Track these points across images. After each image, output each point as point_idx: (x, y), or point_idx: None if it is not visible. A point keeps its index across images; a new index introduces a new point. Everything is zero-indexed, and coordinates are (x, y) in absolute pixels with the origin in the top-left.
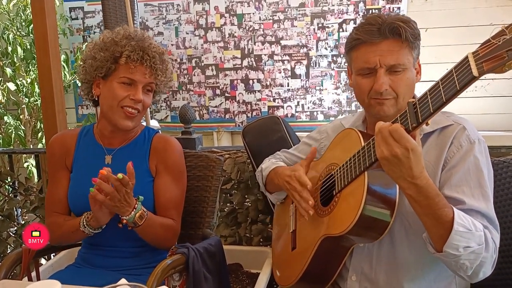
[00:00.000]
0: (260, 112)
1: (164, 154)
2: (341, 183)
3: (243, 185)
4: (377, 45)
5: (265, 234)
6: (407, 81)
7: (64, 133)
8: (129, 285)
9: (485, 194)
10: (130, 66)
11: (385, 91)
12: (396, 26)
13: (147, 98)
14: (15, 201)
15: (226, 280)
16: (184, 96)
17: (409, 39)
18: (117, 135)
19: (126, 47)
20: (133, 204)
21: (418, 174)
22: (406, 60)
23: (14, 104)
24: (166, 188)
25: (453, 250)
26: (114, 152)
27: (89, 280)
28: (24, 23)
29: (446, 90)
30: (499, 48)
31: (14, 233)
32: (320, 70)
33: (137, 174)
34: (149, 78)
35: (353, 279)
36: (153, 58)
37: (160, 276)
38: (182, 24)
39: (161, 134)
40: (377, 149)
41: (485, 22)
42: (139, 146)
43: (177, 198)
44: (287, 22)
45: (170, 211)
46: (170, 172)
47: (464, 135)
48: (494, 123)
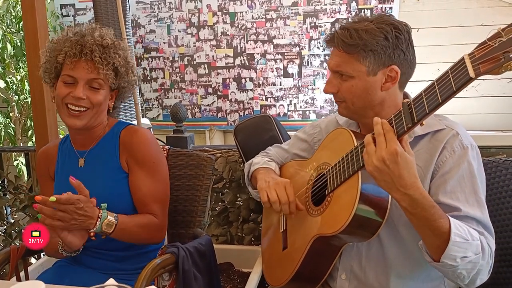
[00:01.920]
0: (253, 111)
1: (132, 147)
2: (334, 183)
3: (235, 184)
4: (333, 51)
5: (256, 233)
6: (353, 89)
7: (49, 145)
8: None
9: (479, 200)
10: (69, 63)
11: (335, 94)
12: (333, 35)
13: (94, 95)
14: (4, 200)
15: (217, 279)
16: (176, 95)
17: (344, 49)
18: (85, 137)
19: (65, 44)
20: (95, 215)
21: (410, 184)
22: (350, 69)
23: (4, 102)
24: (141, 183)
25: (450, 261)
26: (85, 154)
27: (77, 280)
28: (14, 19)
29: (442, 91)
30: (495, 50)
31: (4, 232)
32: (312, 69)
33: (108, 172)
34: (92, 73)
35: (343, 278)
36: (93, 51)
37: (149, 276)
38: (174, 22)
39: (130, 127)
40: (368, 159)
41: (476, 23)
42: (108, 143)
43: (156, 191)
44: (279, 21)
45: (150, 206)
46: (142, 165)
47: (457, 140)
48: (484, 123)
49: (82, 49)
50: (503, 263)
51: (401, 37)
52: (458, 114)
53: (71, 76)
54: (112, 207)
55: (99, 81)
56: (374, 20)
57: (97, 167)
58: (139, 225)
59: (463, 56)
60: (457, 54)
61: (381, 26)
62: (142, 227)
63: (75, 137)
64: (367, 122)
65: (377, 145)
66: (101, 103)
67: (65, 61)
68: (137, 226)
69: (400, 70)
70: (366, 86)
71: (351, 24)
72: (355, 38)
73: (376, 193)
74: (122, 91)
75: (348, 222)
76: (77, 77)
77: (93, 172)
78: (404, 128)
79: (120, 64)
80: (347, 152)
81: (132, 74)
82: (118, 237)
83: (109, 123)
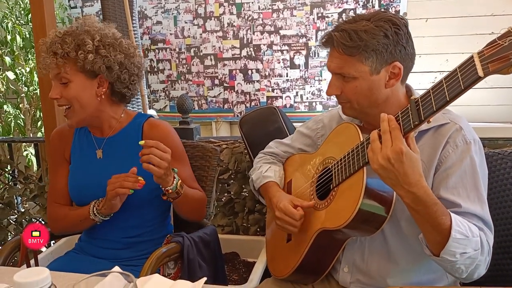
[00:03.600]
0: (259, 102)
1: (162, 141)
2: (339, 177)
3: (241, 175)
4: (331, 52)
5: (261, 224)
6: (357, 89)
7: (62, 127)
8: (119, 273)
9: (480, 196)
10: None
11: (338, 96)
12: (331, 37)
13: (65, 90)
14: (15, 189)
15: (222, 268)
16: (183, 86)
17: (344, 52)
18: (98, 128)
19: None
20: (172, 174)
21: (414, 182)
22: (352, 70)
23: (14, 93)
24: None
25: (450, 256)
26: (103, 144)
27: (86, 268)
28: (23, 11)
29: (450, 89)
30: (505, 49)
31: (15, 221)
32: (319, 61)
33: (131, 162)
34: (56, 69)
35: (345, 271)
36: (52, 45)
37: (155, 264)
38: (181, 13)
39: (152, 120)
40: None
41: (486, 13)
42: (131, 135)
43: (190, 173)
44: (286, 11)
45: (193, 185)
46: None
47: (460, 135)
48: (493, 114)
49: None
50: (506, 255)
51: (400, 32)
52: (466, 105)
53: (51, 77)
54: (135, 194)
55: (64, 75)
56: (371, 19)
57: (118, 158)
58: (196, 195)
59: (472, 55)
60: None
61: (379, 24)
62: (198, 194)
63: (91, 129)
64: (372, 120)
65: (383, 143)
66: (75, 96)
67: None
68: (195, 194)
69: (402, 65)
70: (371, 85)
71: (348, 25)
72: (355, 40)
73: (381, 189)
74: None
75: (352, 217)
76: (51, 77)
77: (113, 163)
78: (411, 125)
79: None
80: (353, 147)
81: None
82: (182, 201)
83: (127, 114)
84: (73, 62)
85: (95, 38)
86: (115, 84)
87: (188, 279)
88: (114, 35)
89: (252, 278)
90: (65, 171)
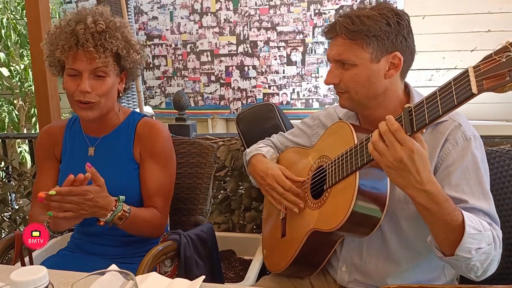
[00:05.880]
0: (255, 99)
1: (148, 140)
2: (332, 179)
3: (237, 173)
4: (332, 40)
5: (258, 221)
6: (355, 77)
7: (52, 125)
8: (117, 271)
9: (484, 191)
10: (70, 56)
11: (336, 85)
12: (334, 23)
13: (100, 84)
14: (9, 186)
15: (218, 266)
16: (179, 82)
17: (346, 35)
18: (98, 124)
19: (60, 37)
20: (110, 207)
21: (426, 179)
22: (353, 57)
23: (8, 89)
24: (150, 174)
25: (465, 253)
26: (97, 142)
27: (81, 265)
28: (18, 6)
29: (443, 103)
30: (502, 66)
31: (9, 218)
32: (316, 57)
33: (121, 163)
34: (93, 63)
35: (343, 270)
36: (87, 41)
37: (151, 262)
38: (177, 9)
39: (147, 119)
40: (383, 157)
41: (483, 10)
42: (123, 133)
43: (163, 184)
44: (283, 7)
45: (155, 198)
46: (155, 158)
47: (460, 131)
48: (489, 112)
49: (77, 40)
50: (509, 252)
51: (402, 23)
52: None
53: (74, 69)
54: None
55: (103, 69)
56: (374, 8)
57: (109, 157)
58: (146, 220)
59: (468, 69)
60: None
61: (382, 12)
62: (148, 222)
63: (88, 124)
64: (369, 114)
65: (389, 144)
66: (109, 91)
67: (63, 55)
68: (144, 220)
69: (403, 57)
70: (370, 74)
71: (352, 11)
72: (357, 24)
73: (374, 192)
74: (130, 72)
75: (343, 221)
76: (80, 70)
77: (104, 161)
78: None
79: (120, 47)
80: (347, 149)
81: (135, 53)
82: (124, 228)
83: (122, 111)
84: (118, 58)
85: (119, 38)
86: (128, 79)
87: (184, 277)
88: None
89: (249, 275)
90: (53, 171)
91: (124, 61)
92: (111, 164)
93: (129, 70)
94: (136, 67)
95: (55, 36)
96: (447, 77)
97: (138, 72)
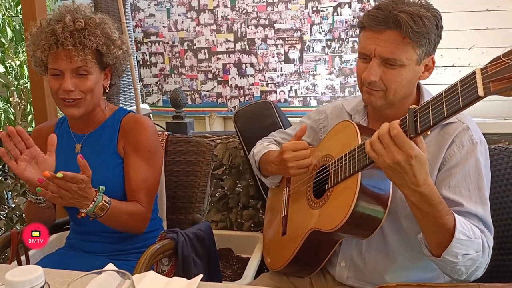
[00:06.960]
0: (253, 97)
1: (133, 134)
2: (334, 179)
3: (235, 171)
4: (378, 34)
5: (256, 219)
6: (400, 78)
7: (42, 125)
8: (114, 271)
9: (482, 197)
10: (50, 56)
11: (374, 83)
12: (399, 19)
13: (83, 82)
14: (5, 184)
15: (216, 264)
16: (176, 80)
17: (409, 36)
18: (84, 122)
19: (41, 37)
20: (91, 197)
21: (422, 182)
22: (404, 57)
23: (4, 87)
24: (134, 168)
25: (451, 257)
26: (83, 139)
27: (78, 264)
28: (13, 3)
29: (449, 105)
30: (510, 69)
31: (5, 216)
32: (313, 55)
33: (104, 157)
34: (73, 62)
35: (342, 265)
36: (66, 40)
37: (148, 261)
38: (174, 6)
39: (132, 114)
40: (379, 158)
41: (480, 8)
42: (108, 128)
43: (146, 179)
44: (281, 5)
45: (138, 193)
46: (139, 152)
47: (467, 134)
48: (487, 110)
49: (56, 39)
50: (502, 251)
51: (440, 24)
52: None
53: (56, 68)
54: (112, 192)
55: (84, 68)
56: (424, 5)
57: (94, 152)
58: (128, 213)
59: (475, 70)
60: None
61: (434, 14)
62: (130, 215)
63: (74, 122)
64: (390, 113)
65: (386, 146)
66: (92, 88)
67: (44, 55)
68: (126, 213)
69: None
70: (412, 76)
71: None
72: (420, 25)
73: (376, 193)
74: (114, 68)
75: (343, 222)
76: (61, 69)
77: (89, 156)
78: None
79: (100, 44)
80: (350, 150)
81: (117, 49)
82: (105, 221)
83: (109, 108)
84: (99, 55)
85: (98, 35)
86: (113, 74)
87: (182, 276)
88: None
89: (247, 274)
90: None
91: (105, 57)
92: (96, 160)
93: (113, 66)
94: (120, 62)
95: (36, 36)
96: (445, 75)
97: (123, 67)
